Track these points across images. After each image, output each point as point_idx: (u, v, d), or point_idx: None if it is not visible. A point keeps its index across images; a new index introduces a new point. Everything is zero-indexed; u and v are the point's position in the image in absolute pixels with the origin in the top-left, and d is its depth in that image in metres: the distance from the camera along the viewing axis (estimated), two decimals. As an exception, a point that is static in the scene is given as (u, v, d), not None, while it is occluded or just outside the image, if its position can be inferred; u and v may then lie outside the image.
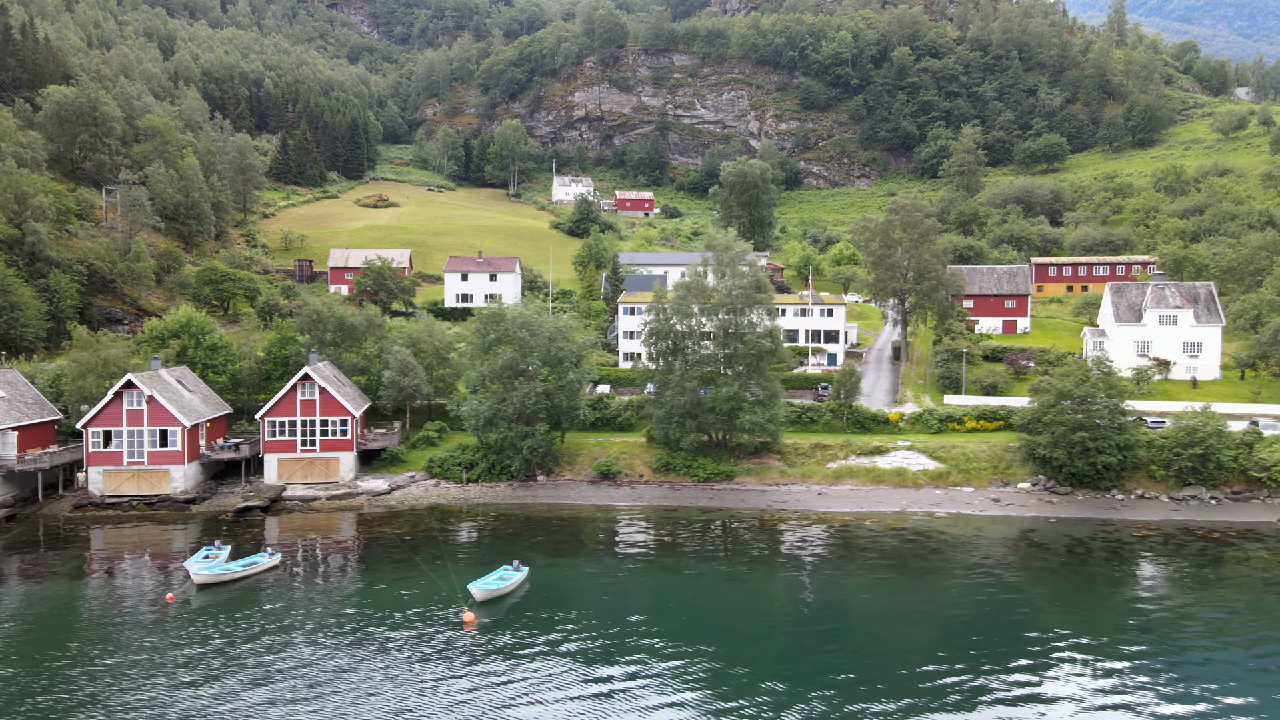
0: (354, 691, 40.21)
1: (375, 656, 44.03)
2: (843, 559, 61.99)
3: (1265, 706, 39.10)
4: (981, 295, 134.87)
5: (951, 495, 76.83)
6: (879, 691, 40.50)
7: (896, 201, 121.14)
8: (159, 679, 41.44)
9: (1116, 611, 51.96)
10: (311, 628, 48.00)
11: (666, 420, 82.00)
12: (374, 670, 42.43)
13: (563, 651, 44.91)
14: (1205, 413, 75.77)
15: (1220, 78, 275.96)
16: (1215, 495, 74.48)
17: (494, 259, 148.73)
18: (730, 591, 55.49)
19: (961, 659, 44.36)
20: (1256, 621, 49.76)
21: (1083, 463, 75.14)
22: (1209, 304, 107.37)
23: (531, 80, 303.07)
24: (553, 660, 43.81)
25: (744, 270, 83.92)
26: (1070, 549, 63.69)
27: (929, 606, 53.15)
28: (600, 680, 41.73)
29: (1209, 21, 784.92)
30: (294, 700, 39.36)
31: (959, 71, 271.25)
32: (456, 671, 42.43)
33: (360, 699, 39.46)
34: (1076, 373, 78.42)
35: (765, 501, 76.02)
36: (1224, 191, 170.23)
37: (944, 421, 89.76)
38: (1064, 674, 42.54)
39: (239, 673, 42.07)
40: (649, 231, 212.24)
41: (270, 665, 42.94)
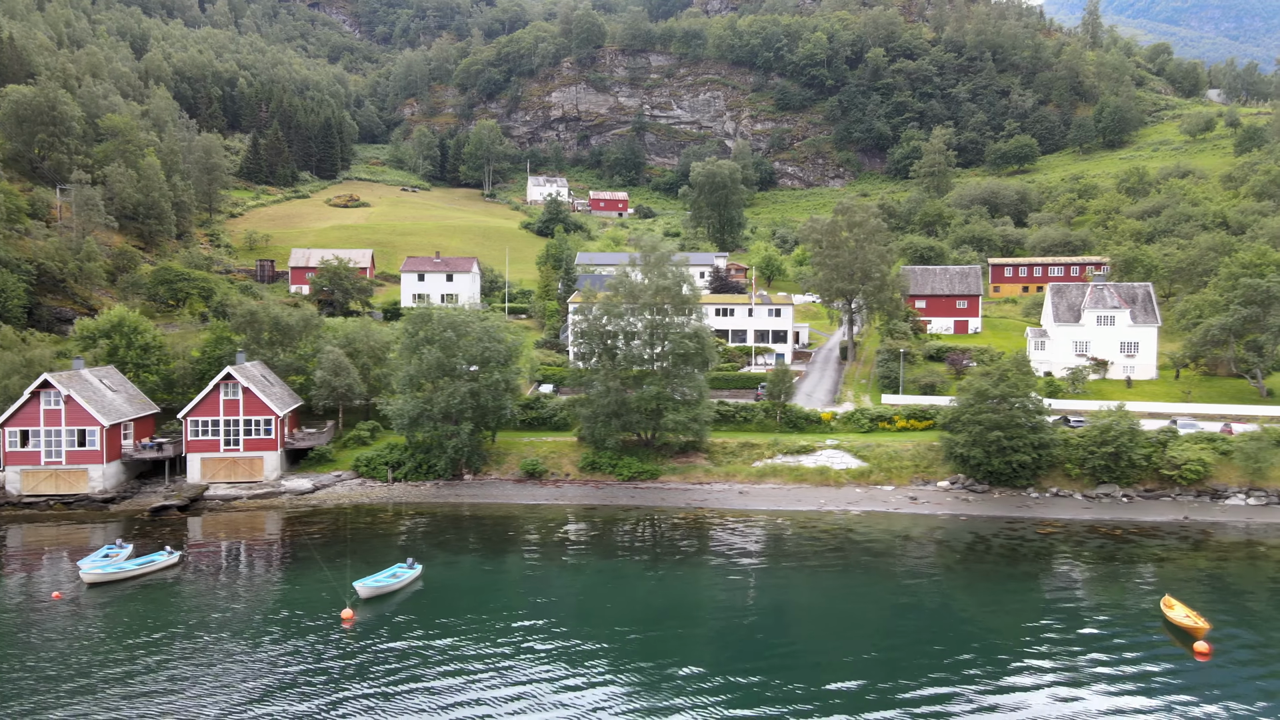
0: (210, 685, 40.73)
1: (242, 653, 44.53)
2: (742, 556, 62.60)
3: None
4: (934, 295, 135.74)
5: (871, 494, 77.53)
6: (764, 689, 41.13)
7: (843, 202, 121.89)
8: (19, 676, 41.92)
9: (990, 609, 52.67)
10: (187, 624, 48.51)
11: (593, 420, 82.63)
12: (233, 666, 42.93)
13: (436, 648, 45.46)
14: (1119, 412, 76.54)
15: (1192, 80, 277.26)
16: (1128, 493, 75.30)
17: (451, 259, 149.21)
18: (624, 589, 56.11)
19: (831, 652, 45.05)
20: (1114, 618, 50.47)
21: (999, 461, 75.90)
22: (1146, 304, 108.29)
23: (509, 80, 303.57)
24: (423, 657, 44.35)
25: (670, 271, 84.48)
26: (970, 546, 64.43)
27: (815, 603, 53.83)
28: (466, 676, 42.25)
29: (1196, 23, 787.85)
30: (148, 694, 39.87)
31: (933, 73, 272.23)
32: (316, 667, 42.94)
33: (211, 693, 39.98)
34: (995, 372, 79.12)
35: (685, 500, 76.66)
36: (1182, 193, 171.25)
37: (875, 421, 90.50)
38: (921, 669, 43.22)
39: (101, 669, 42.55)
40: (618, 232, 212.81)
41: (134, 662, 43.43)
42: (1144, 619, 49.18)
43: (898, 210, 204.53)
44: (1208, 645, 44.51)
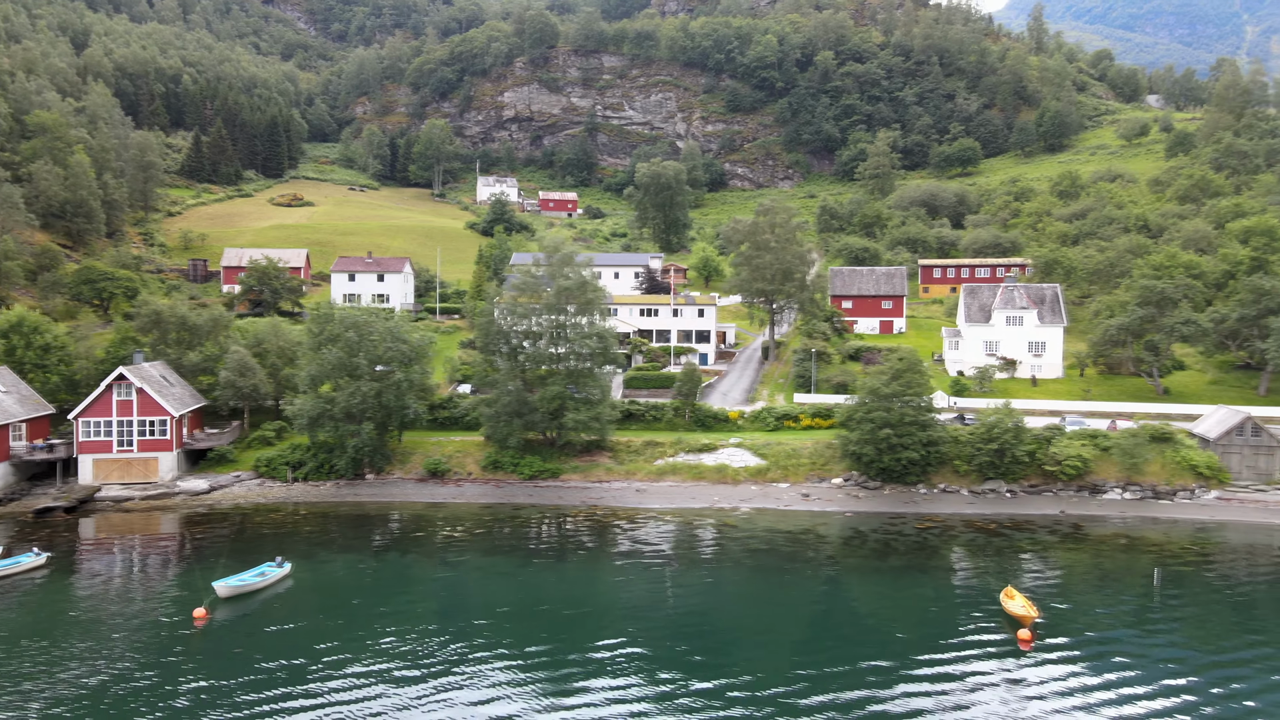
0: (36, 684, 40.85)
1: (82, 652, 44.64)
2: (622, 553, 63.54)
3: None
4: (860, 296, 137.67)
5: (766, 491, 78.83)
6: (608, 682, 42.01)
7: (764, 203, 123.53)
8: None
9: (844, 601, 54.05)
10: (34, 624, 48.48)
11: (495, 419, 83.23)
12: (69, 665, 43.06)
13: (281, 646, 45.84)
14: (1004, 410, 78.51)
15: (1133, 85, 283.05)
16: (1012, 489, 77.27)
17: (383, 259, 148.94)
18: (494, 586, 56.83)
19: (672, 644, 46.09)
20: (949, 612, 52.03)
21: (889, 459, 77.54)
22: (1054, 305, 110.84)
23: (462, 80, 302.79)
24: (265, 654, 44.71)
25: (572, 272, 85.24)
26: (846, 541, 65.90)
27: (664, 597, 54.88)
28: (303, 673, 42.72)
29: (1151, 29, 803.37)
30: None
31: (881, 76, 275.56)
32: (153, 664, 43.19)
33: (31, 692, 40.12)
34: (889, 372, 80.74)
35: (581, 498, 77.50)
36: (1109, 196, 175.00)
37: (780, 420, 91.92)
38: (751, 661, 44.39)
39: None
40: (561, 232, 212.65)
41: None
42: (985, 610, 50.71)
43: (839, 212, 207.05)
44: (1030, 633, 46.14)
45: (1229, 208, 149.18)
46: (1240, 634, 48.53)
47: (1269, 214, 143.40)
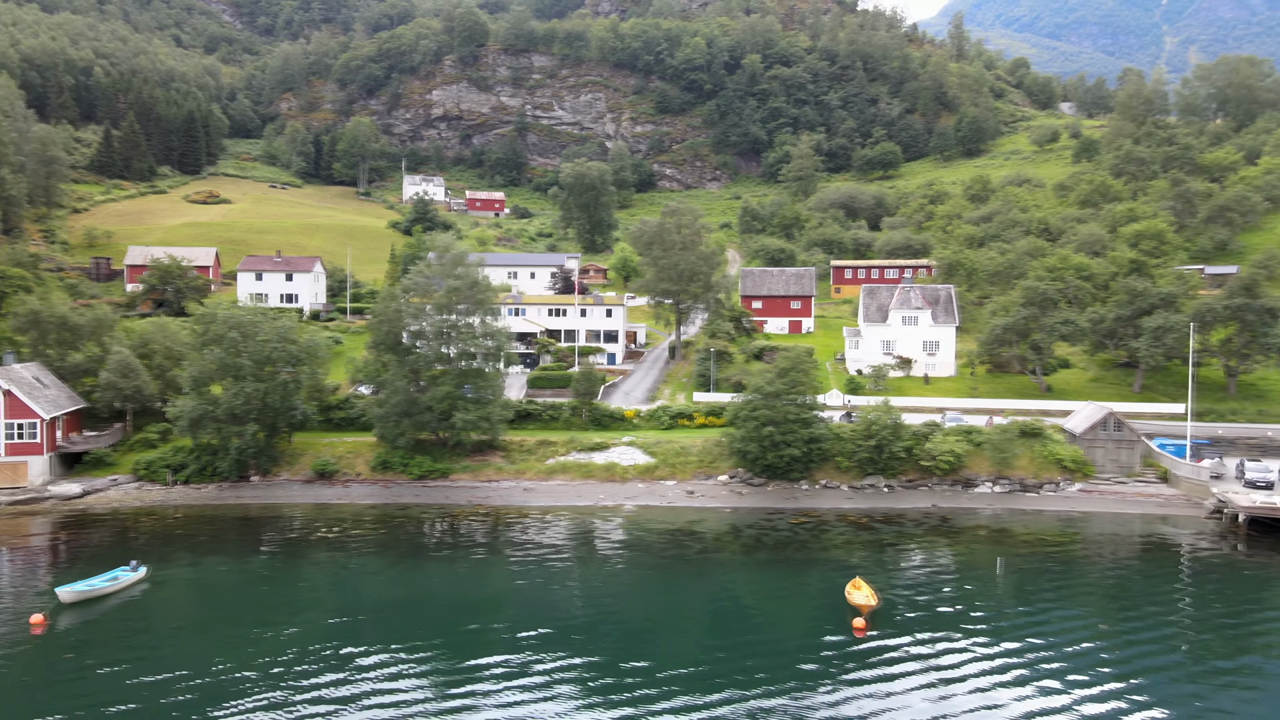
0: None
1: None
2: (496, 551, 63.90)
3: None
4: (770, 296, 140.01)
5: (653, 488, 79.86)
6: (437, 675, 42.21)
7: (670, 205, 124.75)
8: None
9: (700, 594, 55.25)
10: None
11: (385, 419, 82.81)
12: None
13: (130, 653, 45.10)
14: (883, 407, 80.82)
15: (1047, 93, 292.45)
16: (890, 484, 79.52)
17: (292, 258, 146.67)
18: (355, 585, 56.65)
19: (518, 635, 46.67)
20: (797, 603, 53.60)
21: (773, 456, 79.18)
22: (947, 305, 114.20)
23: (390, 77, 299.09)
24: (111, 662, 43.96)
25: (463, 272, 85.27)
26: (718, 537, 67.19)
27: (525, 592, 55.46)
28: (144, 678, 42.17)
29: (1076, 39, 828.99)
30: None
31: (807, 80, 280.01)
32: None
33: None
34: (774, 370, 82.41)
35: (467, 498, 77.62)
36: (1016, 200, 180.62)
37: (675, 418, 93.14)
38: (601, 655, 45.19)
39: None
40: (485, 232, 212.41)
41: None
42: (831, 600, 52.27)
43: (761, 213, 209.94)
44: (864, 622, 47.80)
45: (1123, 212, 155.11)
46: (1074, 619, 50.83)
47: (1159, 218, 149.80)
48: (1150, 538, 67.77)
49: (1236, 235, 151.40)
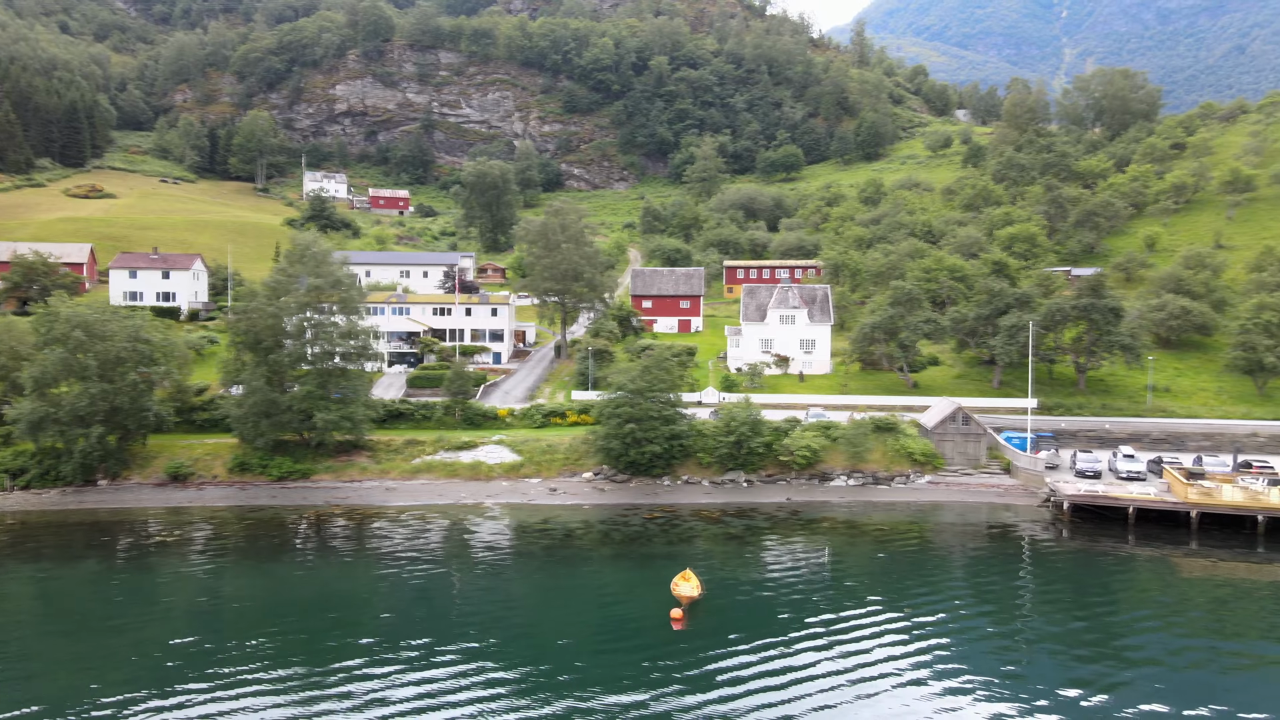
0: None
1: None
2: (346, 551, 63.34)
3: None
4: (660, 296, 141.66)
5: (517, 486, 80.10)
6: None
7: (553, 204, 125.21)
8: None
9: (524, 591, 55.90)
10: None
11: (244, 419, 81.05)
12: None
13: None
14: (742, 404, 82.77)
15: (944, 100, 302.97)
16: (750, 479, 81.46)
17: (171, 256, 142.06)
18: (182, 587, 55.50)
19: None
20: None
21: (635, 452, 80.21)
22: (823, 305, 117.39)
23: (292, 70, 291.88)
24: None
25: (328, 270, 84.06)
26: (569, 533, 67.94)
27: (341, 590, 55.25)
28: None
29: (982, 48, 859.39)
30: None
31: (714, 83, 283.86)
32: None
33: None
34: (637, 368, 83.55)
35: (325, 498, 76.62)
36: (904, 203, 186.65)
37: (548, 416, 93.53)
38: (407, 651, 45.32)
39: None
40: (385, 230, 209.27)
41: None
42: (658, 591, 53.43)
43: (662, 214, 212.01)
44: (682, 613, 49.10)
45: (1000, 216, 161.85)
46: (896, 604, 53.06)
47: (1032, 222, 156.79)
48: (987, 525, 71.06)
49: (1103, 239, 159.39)
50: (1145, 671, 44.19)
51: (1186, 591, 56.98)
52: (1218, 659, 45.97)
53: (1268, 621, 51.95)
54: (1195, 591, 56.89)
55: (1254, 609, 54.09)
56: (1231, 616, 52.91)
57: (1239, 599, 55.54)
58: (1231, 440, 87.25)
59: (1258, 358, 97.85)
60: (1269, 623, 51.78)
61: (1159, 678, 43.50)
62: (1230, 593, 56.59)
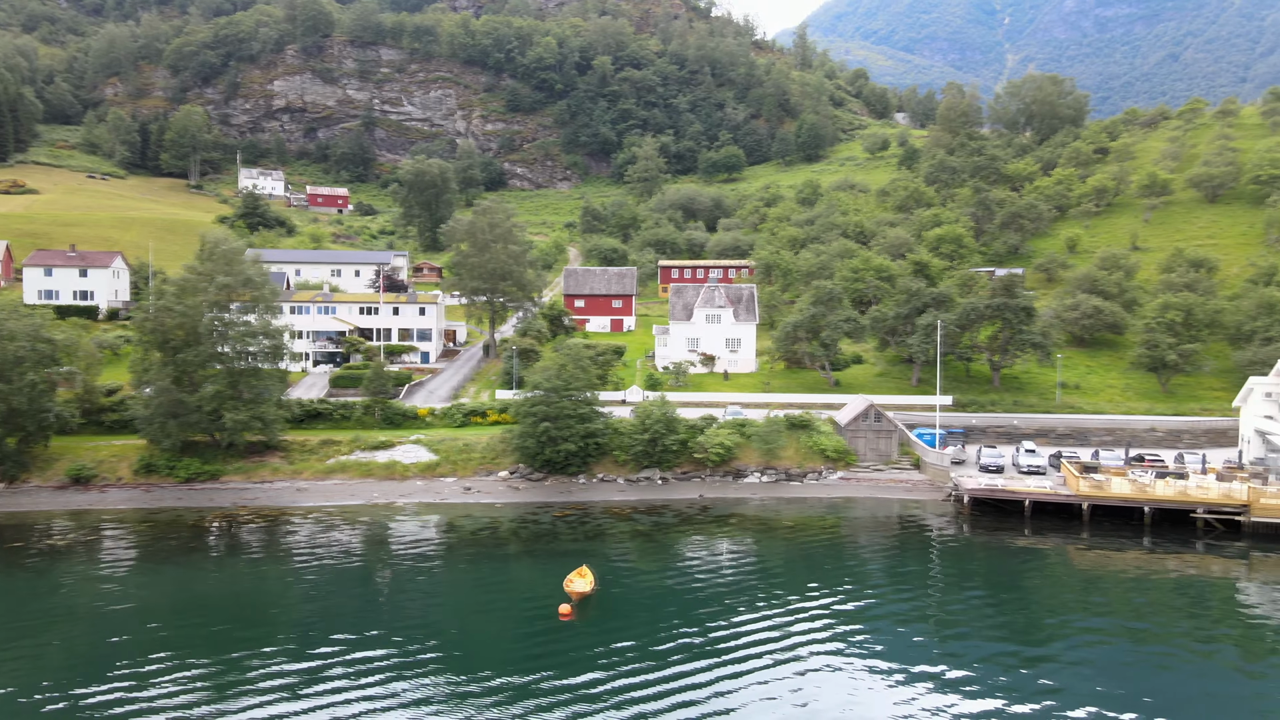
0: None
1: None
2: (249, 552, 62.57)
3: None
4: (592, 295, 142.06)
5: (431, 486, 79.79)
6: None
7: (484, 204, 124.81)
8: None
9: (417, 589, 55.91)
10: None
11: (150, 420, 79.50)
12: None
13: None
14: (657, 402, 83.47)
15: (883, 103, 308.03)
16: (665, 476, 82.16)
17: (89, 253, 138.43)
18: (83, 592, 54.39)
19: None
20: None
21: (550, 451, 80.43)
22: (749, 305, 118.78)
23: (228, 65, 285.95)
24: None
25: (238, 268, 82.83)
26: (475, 532, 67.96)
27: (234, 590, 54.70)
28: None
29: (927, 53, 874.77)
30: None
31: (657, 83, 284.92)
32: None
33: None
34: (554, 367, 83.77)
35: (234, 499, 75.54)
36: (839, 205, 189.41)
37: (468, 415, 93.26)
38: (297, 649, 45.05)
39: None
40: (320, 229, 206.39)
41: None
42: (551, 587, 53.80)
43: (602, 214, 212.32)
44: (571, 607, 49.54)
45: (929, 217, 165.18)
46: (792, 597, 53.99)
47: (960, 223, 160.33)
48: (893, 519, 72.60)
49: (1027, 240, 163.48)
50: (1031, 653, 45.67)
51: (1077, 580, 58.91)
52: (1106, 641, 47.60)
53: (1156, 606, 53.93)
54: (1084, 579, 58.83)
55: (1126, 592, 56.08)
56: (1120, 603, 54.77)
57: (1117, 585, 57.51)
58: (1132, 435, 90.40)
59: (1161, 355, 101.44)
60: (1156, 607, 53.76)
61: (1046, 658, 44.98)
62: (1116, 580, 58.58)
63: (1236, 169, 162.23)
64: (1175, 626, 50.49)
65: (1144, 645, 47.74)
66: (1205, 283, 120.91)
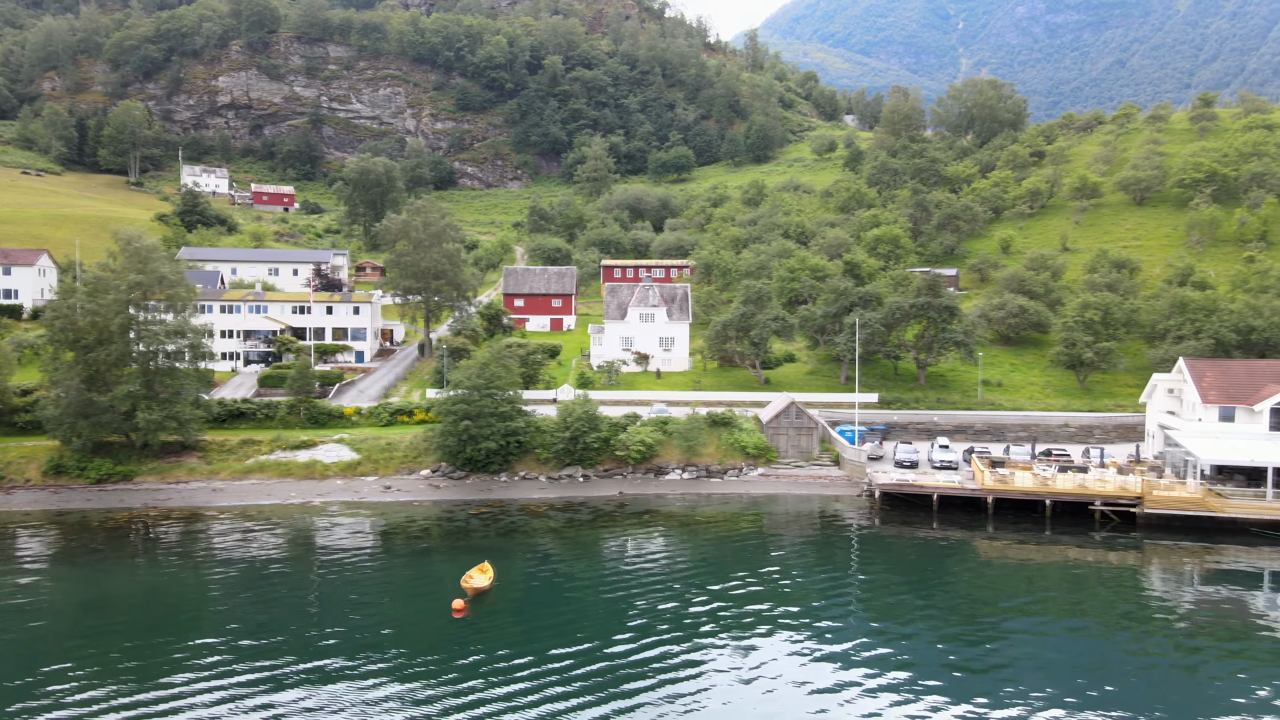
0: None
1: None
2: (156, 554, 61.83)
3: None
4: (532, 295, 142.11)
5: (351, 485, 79.41)
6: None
7: (414, 202, 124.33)
8: None
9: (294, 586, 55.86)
10: None
11: (59, 420, 78.09)
12: None
13: None
14: (580, 400, 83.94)
15: (833, 105, 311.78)
16: (587, 473, 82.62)
17: (13, 251, 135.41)
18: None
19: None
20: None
21: (472, 449, 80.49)
22: (683, 304, 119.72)
23: (170, 60, 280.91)
24: None
25: (153, 267, 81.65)
26: (386, 530, 67.83)
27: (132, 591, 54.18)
28: None
29: (884, 56, 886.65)
30: None
31: (608, 83, 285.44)
32: None
33: None
34: (475, 366, 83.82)
35: (145, 500, 74.56)
36: (782, 205, 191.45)
37: (395, 414, 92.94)
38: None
39: None
40: (262, 227, 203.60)
41: None
42: (448, 583, 53.97)
43: (549, 213, 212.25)
44: (464, 603, 49.82)
45: (868, 218, 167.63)
46: (689, 590, 54.74)
47: (898, 224, 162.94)
48: (807, 514, 73.66)
49: (963, 241, 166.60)
50: (930, 634, 46.84)
51: (982, 569, 60.37)
52: (1008, 629, 48.92)
53: (1056, 593, 55.45)
54: (989, 569, 60.33)
55: (1028, 581, 57.60)
56: (1020, 591, 56.18)
57: (1019, 574, 59.05)
58: (1046, 430, 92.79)
59: (1078, 353, 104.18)
60: (1056, 594, 55.28)
61: (943, 640, 46.16)
62: (1018, 570, 60.15)
63: (1163, 173, 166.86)
64: (1073, 609, 52.05)
65: (1045, 630, 49.12)
66: (1126, 283, 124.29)
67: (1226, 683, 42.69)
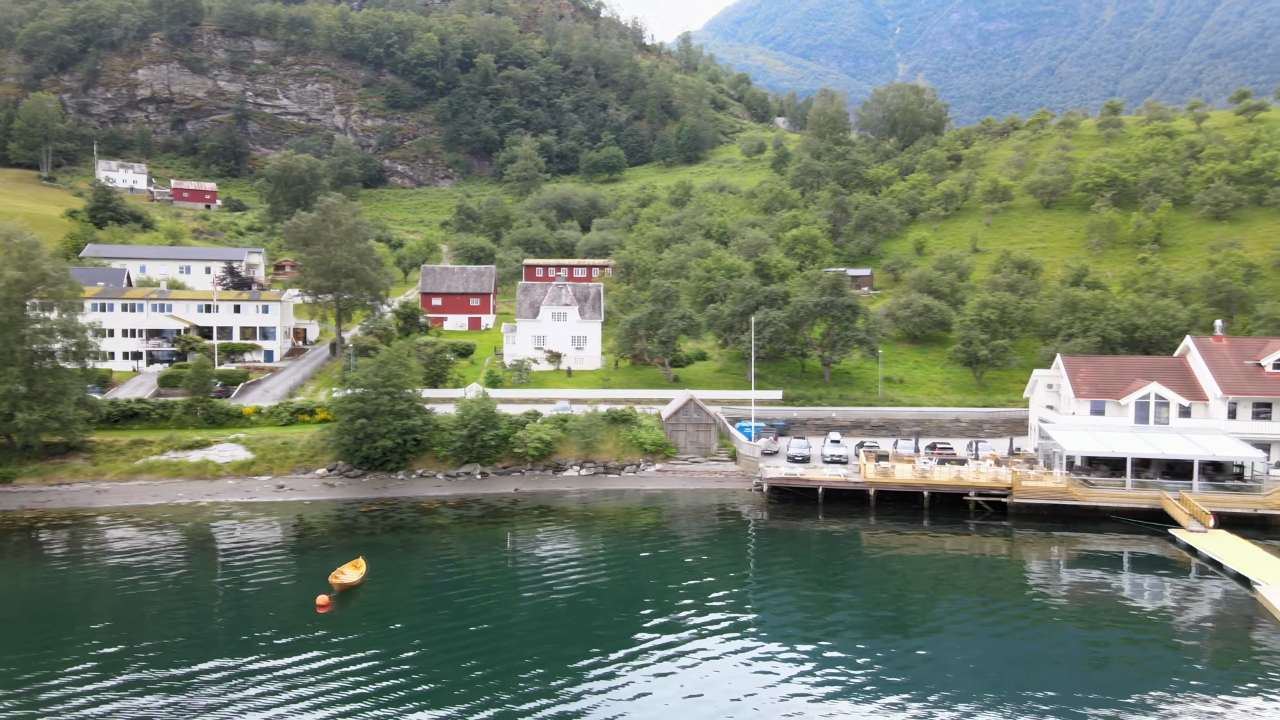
0: None
1: None
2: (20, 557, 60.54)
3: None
4: (450, 294, 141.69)
5: (243, 484, 78.54)
6: None
7: (324, 200, 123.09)
8: None
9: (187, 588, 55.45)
10: None
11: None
12: None
13: None
14: (478, 398, 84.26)
15: (765, 107, 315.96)
16: (485, 471, 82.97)
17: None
18: None
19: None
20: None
21: (368, 447, 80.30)
22: (595, 303, 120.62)
23: (87, 51, 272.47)
24: None
25: (32, 264, 79.66)
26: (268, 532, 67.28)
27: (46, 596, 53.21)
28: None
29: (824, 60, 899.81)
30: None
31: (541, 83, 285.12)
32: None
33: None
34: (374, 364, 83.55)
35: (21, 502, 72.82)
36: (707, 205, 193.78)
37: (295, 414, 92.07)
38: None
39: None
40: (179, 224, 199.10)
41: None
42: (319, 580, 53.99)
43: (476, 212, 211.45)
44: (328, 599, 49.96)
45: (788, 219, 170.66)
46: (555, 585, 55.47)
47: (816, 225, 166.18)
48: (700, 508, 74.78)
49: (880, 242, 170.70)
50: (816, 624, 48.20)
51: (866, 558, 62.22)
52: (888, 614, 50.55)
53: (936, 577, 57.47)
54: (871, 558, 62.21)
55: (909, 568, 59.58)
56: (899, 578, 58.12)
57: (900, 563, 61.04)
58: (938, 425, 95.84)
59: (974, 351, 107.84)
60: (936, 578, 57.29)
61: (832, 624, 47.56)
62: (900, 559, 62.15)
63: (1069, 177, 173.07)
64: (949, 591, 54.05)
65: (927, 613, 50.88)
66: (1027, 283, 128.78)
67: (1095, 662, 44.78)
